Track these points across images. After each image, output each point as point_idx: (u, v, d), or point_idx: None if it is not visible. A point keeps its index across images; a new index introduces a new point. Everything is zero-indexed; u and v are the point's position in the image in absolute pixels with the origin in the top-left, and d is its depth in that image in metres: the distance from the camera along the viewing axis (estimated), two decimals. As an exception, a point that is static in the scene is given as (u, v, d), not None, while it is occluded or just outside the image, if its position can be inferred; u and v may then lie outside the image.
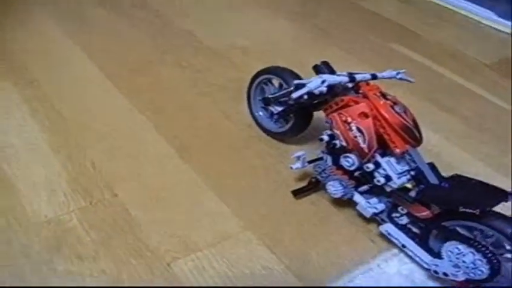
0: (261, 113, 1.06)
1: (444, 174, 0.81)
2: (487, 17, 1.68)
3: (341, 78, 0.88)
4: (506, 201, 0.72)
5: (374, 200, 0.88)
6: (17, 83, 1.22)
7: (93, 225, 0.83)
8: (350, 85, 0.90)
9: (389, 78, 0.95)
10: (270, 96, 1.01)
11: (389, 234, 0.84)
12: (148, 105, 1.14)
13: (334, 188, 0.89)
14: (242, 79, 1.17)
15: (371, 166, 0.84)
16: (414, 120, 0.85)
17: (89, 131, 1.05)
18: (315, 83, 0.85)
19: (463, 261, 0.75)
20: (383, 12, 1.70)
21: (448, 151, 1.07)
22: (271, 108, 1.03)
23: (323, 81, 0.85)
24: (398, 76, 0.96)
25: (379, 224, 0.85)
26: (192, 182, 0.94)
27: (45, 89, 1.20)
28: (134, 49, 1.38)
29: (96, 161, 0.97)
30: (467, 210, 0.72)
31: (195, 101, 1.17)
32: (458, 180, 0.81)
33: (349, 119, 0.85)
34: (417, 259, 0.80)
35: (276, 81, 1.02)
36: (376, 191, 0.88)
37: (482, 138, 1.12)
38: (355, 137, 0.85)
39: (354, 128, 0.85)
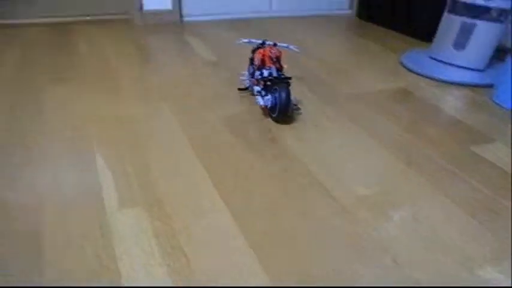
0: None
1: None
2: None
3: (259, 41, 2.01)
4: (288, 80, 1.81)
5: (257, 87, 1.94)
6: (151, 214, 1.28)
7: None
8: (266, 44, 1.98)
9: (284, 47, 2.02)
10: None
11: (257, 99, 1.90)
12: (268, 249, 1.17)
13: (248, 83, 2.09)
14: (360, 235, 1.22)
15: (258, 73, 1.92)
16: (277, 57, 1.88)
17: (214, 274, 1.09)
18: (245, 40, 2.05)
19: (268, 100, 1.82)
20: (498, 161, 1.67)
21: None
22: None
23: (249, 41, 2.03)
24: (288, 47, 2.02)
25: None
26: None
27: (174, 221, 1.26)
28: (261, 188, 1.43)
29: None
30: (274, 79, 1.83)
31: (316, 256, 1.17)
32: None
33: (256, 55, 1.96)
34: (259, 103, 1.89)
35: None
36: (267, 89, 1.86)
37: None
38: (256, 62, 1.95)
39: (256, 57, 1.95)
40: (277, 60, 1.87)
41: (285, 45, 2.01)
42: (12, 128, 1.70)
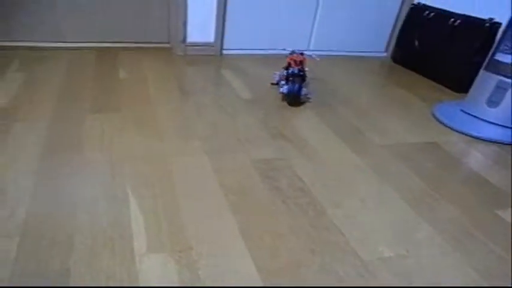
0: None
1: None
2: None
3: (290, 49, 2.72)
4: (304, 76, 2.59)
5: (283, 82, 2.62)
6: (177, 259, 1.33)
7: None
8: (295, 52, 2.63)
9: (308, 56, 2.65)
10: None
11: (281, 89, 2.63)
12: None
13: (277, 79, 2.78)
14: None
15: (285, 72, 2.60)
16: (301, 61, 2.56)
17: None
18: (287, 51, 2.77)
19: (285, 87, 2.55)
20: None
21: None
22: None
23: (284, 49, 2.81)
24: (309, 55, 2.66)
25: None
26: None
27: (200, 270, 1.30)
28: (288, 241, 1.46)
29: None
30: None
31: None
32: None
33: (287, 59, 2.62)
34: (281, 91, 2.63)
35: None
36: (287, 82, 2.54)
37: None
38: (285, 64, 2.64)
39: (287, 60, 2.62)
40: (300, 63, 2.57)
41: (309, 54, 2.72)
42: (49, 159, 1.78)
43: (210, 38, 3.32)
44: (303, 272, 1.34)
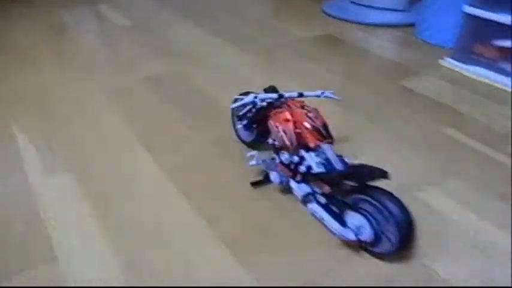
0: (239, 127, 1.22)
1: None
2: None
3: (271, 95, 1.14)
4: (385, 178, 0.89)
5: (303, 185, 1.09)
6: (78, 178, 1.21)
7: None
8: (283, 100, 1.15)
9: (315, 96, 1.21)
10: (239, 114, 1.23)
11: (312, 210, 1.05)
12: (204, 205, 1.12)
13: (273, 176, 1.13)
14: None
15: (296, 158, 1.07)
16: (324, 123, 1.08)
17: (147, 234, 1.03)
18: (249, 98, 1.12)
19: (353, 224, 0.96)
20: (426, 92, 1.69)
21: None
22: (242, 122, 1.23)
23: (255, 97, 1.13)
24: (323, 95, 1.22)
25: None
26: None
27: (103, 185, 1.19)
28: (189, 140, 1.38)
29: (154, 268, 0.94)
30: (348, 182, 0.96)
31: (248, 199, 1.15)
32: (358, 166, 0.97)
33: (277, 124, 1.10)
34: (331, 228, 1.00)
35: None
36: (307, 179, 1.08)
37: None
38: (282, 136, 1.08)
39: (280, 129, 1.09)
40: (325, 129, 1.09)
41: (318, 93, 1.22)
42: None
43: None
44: (208, 163, 1.28)
